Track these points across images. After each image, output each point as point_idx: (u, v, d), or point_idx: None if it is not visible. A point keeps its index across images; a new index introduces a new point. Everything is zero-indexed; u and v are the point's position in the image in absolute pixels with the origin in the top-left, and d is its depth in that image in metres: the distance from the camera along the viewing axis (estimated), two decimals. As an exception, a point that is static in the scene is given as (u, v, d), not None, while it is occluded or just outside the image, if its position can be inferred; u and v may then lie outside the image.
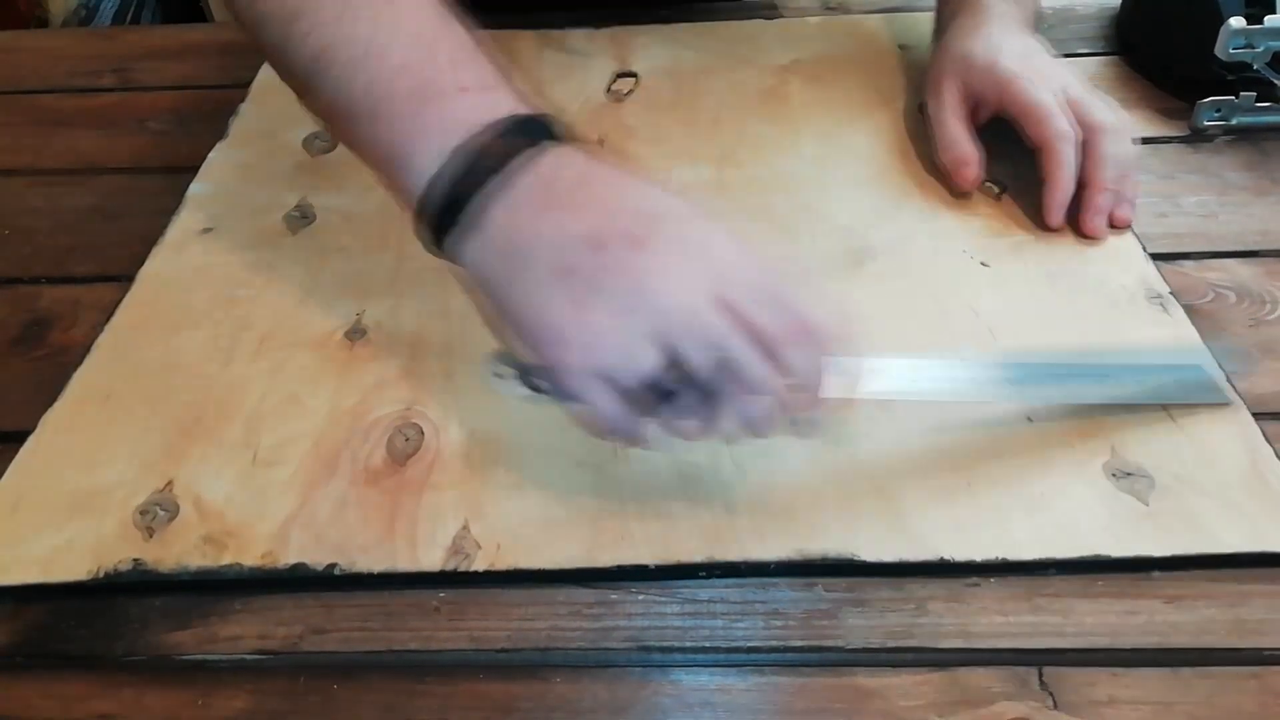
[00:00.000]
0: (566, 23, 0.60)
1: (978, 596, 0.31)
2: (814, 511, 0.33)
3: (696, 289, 0.27)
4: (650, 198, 0.29)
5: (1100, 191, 0.42)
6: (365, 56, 0.30)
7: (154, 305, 0.42)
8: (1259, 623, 0.30)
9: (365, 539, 0.32)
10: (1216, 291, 0.41)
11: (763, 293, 0.28)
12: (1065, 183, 0.42)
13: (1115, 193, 0.42)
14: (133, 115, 0.56)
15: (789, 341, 0.27)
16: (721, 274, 0.27)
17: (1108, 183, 0.42)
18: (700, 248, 0.27)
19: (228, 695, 0.29)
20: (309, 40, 0.31)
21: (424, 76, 0.29)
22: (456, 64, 0.30)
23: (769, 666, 0.30)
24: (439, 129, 0.29)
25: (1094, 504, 0.32)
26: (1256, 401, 0.36)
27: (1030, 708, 0.28)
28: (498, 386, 0.30)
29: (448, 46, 0.30)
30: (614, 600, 0.31)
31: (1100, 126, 0.42)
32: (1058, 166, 0.41)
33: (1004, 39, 0.45)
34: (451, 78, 0.29)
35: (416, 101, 0.29)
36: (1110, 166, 0.42)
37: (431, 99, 0.29)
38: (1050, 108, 0.42)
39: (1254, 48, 0.47)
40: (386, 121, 0.30)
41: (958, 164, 0.44)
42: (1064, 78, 0.44)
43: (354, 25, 0.30)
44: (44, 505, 0.34)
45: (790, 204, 0.46)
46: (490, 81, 0.30)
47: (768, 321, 0.27)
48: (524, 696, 0.29)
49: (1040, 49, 0.46)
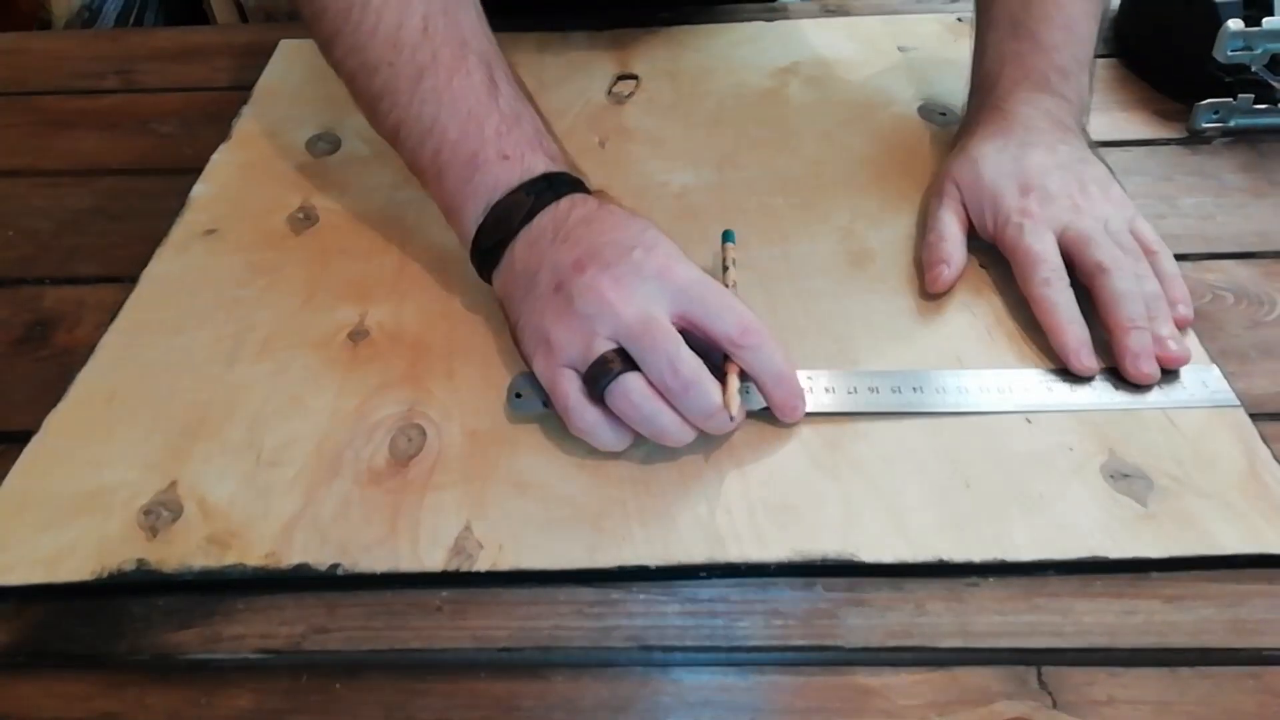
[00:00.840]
0: (567, 25, 0.61)
1: (977, 596, 0.31)
2: (814, 512, 0.33)
3: (651, 302, 0.33)
4: (630, 232, 0.35)
5: (1125, 333, 0.36)
6: (430, 132, 0.38)
7: (157, 306, 0.42)
8: (1258, 623, 0.30)
9: (368, 539, 0.32)
10: (1214, 293, 0.41)
11: (712, 308, 0.33)
12: (1060, 328, 0.37)
13: (1144, 330, 0.36)
14: (136, 117, 0.56)
15: (738, 343, 0.33)
16: (677, 292, 0.33)
17: (1129, 322, 0.36)
18: (659, 270, 0.33)
19: (230, 694, 0.29)
20: (390, 117, 0.39)
21: (472, 149, 0.37)
22: (500, 135, 0.37)
23: (769, 666, 0.30)
24: (485, 190, 0.37)
25: (1092, 505, 0.33)
26: (1254, 403, 0.36)
27: (1029, 707, 0.28)
28: (518, 407, 0.36)
29: (494, 120, 0.37)
30: (615, 600, 0.31)
31: (1099, 266, 0.37)
32: (1044, 314, 0.37)
33: (1022, 155, 0.41)
34: (495, 148, 0.37)
35: (469, 169, 0.37)
36: (1127, 304, 0.36)
37: (480, 167, 0.37)
38: (1036, 255, 0.38)
39: (1252, 50, 0.47)
40: (447, 183, 0.38)
41: (935, 262, 0.40)
42: (1072, 210, 0.39)
43: (422, 106, 0.38)
44: (48, 505, 0.34)
45: (790, 205, 0.46)
46: (525, 149, 0.37)
47: (716, 328, 0.33)
48: (525, 695, 0.29)
49: (1062, 163, 0.41)
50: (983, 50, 0.46)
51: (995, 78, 0.45)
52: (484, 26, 0.41)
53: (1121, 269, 0.37)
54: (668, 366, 0.32)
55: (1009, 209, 0.40)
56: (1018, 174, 0.41)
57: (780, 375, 0.34)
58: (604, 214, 0.36)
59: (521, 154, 0.37)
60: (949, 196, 0.42)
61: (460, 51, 0.38)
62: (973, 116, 0.45)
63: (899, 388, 0.36)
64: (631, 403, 0.32)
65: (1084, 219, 0.39)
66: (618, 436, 0.33)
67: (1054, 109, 0.43)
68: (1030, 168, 0.41)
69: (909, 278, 0.42)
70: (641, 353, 0.32)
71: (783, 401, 0.34)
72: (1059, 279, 0.38)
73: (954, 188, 0.43)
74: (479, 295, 0.40)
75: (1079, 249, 0.38)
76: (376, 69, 0.39)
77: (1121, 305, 0.37)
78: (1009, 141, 0.42)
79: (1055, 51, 0.44)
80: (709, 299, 0.33)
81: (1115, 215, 0.40)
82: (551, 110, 0.53)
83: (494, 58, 0.40)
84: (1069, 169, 0.41)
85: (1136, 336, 0.36)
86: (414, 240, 0.45)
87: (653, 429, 0.33)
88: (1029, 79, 0.44)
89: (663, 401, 0.32)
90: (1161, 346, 0.36)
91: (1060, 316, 0.37)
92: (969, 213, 0.42)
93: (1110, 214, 0.40)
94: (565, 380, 0.33)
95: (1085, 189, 0.40)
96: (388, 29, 0.38)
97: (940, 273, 0.40)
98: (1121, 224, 0.40)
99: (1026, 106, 0.43)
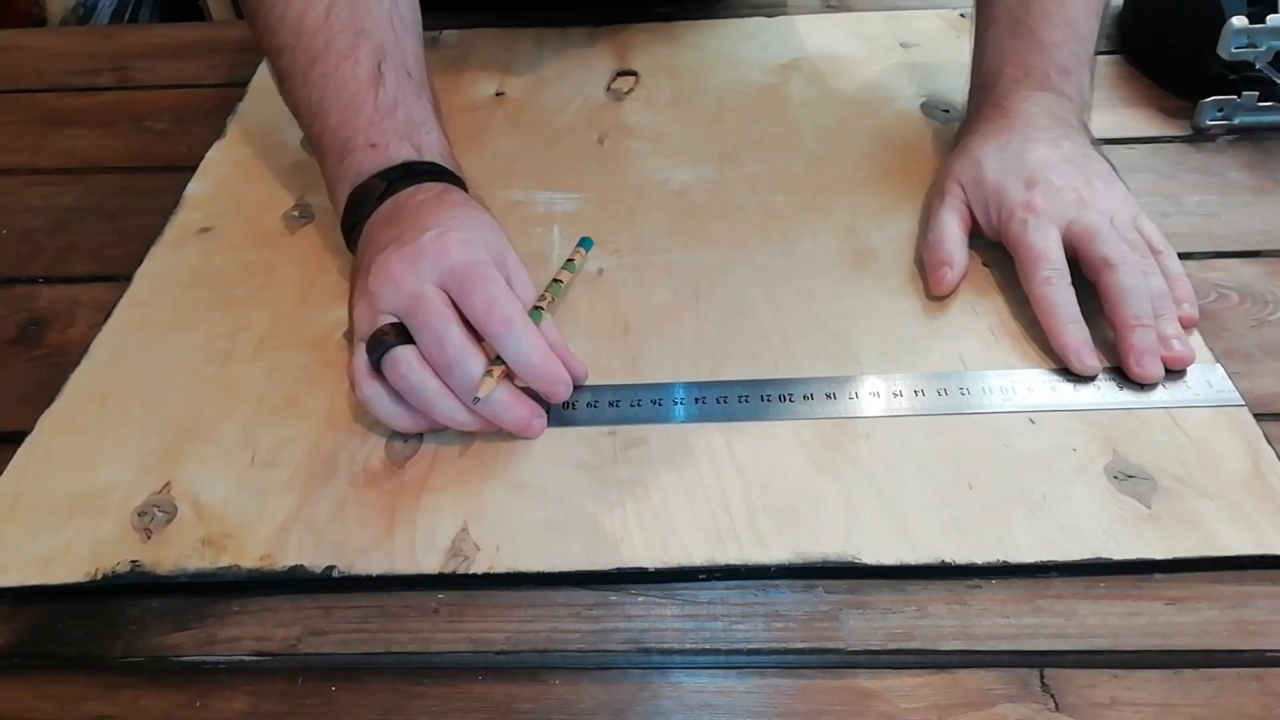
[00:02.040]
0: (566, 21, 0.60)
1: (979, 598, 0.31)
2: (814, 513, 0.32)
3: (424, 280, 0.34)
4: (440, 217, 0.36)
5: (1130, 331, 0.36)
6: (316, 115, 0.41)
7: (152, 305, 0.42)
8: (1261, 624, 0.30)
9: (364, 541, 0.32)
10: (1219, 291, 0.41)
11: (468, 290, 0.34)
12: (1058, 328, 0.37)
13: (1149, 328, 0.36)
14: (131, 114, 0.56)
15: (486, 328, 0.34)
16: (445, 270, 0.34)
17: (1134, 319, 0.36)
18: (438, 250, 0.35)
19: (225, 697, 0.29)
20: (290, 98, 0.43)
21: (345, 135, 0.40)
22: (371, 124, 0.40)
23: (769, 668, 0.30)
24: (352, 175, 0.39)
25: (1095, 506, 0.32)
26: (1258, 403, 0.36)
27: (1032, 710, 0.28)
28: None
29: (369, 110, 0.40)
30: (613, 602, 0.31)
31: (1105, 262, 0.37)
32: (1044, 314, 0.37)
33: (1025, 150, 0.41)
34: (365, 135, 0.39)
35: (341, 154, 0.40)
36: (1133, 301, 0.36)
37: (350, 152, 0.40)
38: (1039, 252, 0.38)
39: (1256, 47, 0.47)
40: (327, 165, 0.41)
41: (938, 264, 0.40)
42: (1077, 205, 0.39)
43: (311, 90, 0.41)
44: (41, 506, 0.34)
45: (791, 203, 0.46)
46: (393, 138, 0.40)
47: (468, 310, 0.34)
48: (523, 698, 0.29)
49: (1066, 158, 0.40)
50: (983, 48, 0.46)
51: (996, 76, 0.44)
52: (395, 16, 0.42)
53: (1128, 265, 0.37)
54: (434, 341, 0.33)
55: (1013, 204, 0.40)
56: (1021, 170, 0.40)
57: (528, 363, 0.34)
58: (434, 201, 0.38)
59: (388, 143, 0.39)
60: (951, 195, 0.42)
61: (355, 40, 0.41)
62: (974, 115, 0.45)
63: (900, 392, 0.36)
64: (399, 373, 0.33)
65: (1089, 214, 0.39)
66: (396, 410, 0.34)
67: (1055, 106, 0.43)
68: (1034, 163, 0.40)
69: (911, 276, 0.42)
70: (415, 329, 0.34)
71: (538, 388, 0.35)
72: (1060, 278, 0.38)
73: (957, 187, 0.42)
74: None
75: (1085, 244, 0.38)
76: (280, 52, 0.42)
77: (1127, 302, 0.36)
78: (1011, 138, 0.42)
79: (1056, 49, 0.43)
80: (467, 281, 0.34)
81: (1121, 211, 0.39)
82: (550, 107, 0.53)
83: (391, 49, 0.41)
84: (1073, 164, 0.40)
85: (1141, 334, 0.36)
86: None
87: (419, 399, 0.33)
88: (1030, 77, 0.43)
89: (431, 375, 0.33)
90: (1166, 346, 0.36)
91: (1060, 317, 0.37)
92: (973, 212, 0.42)
93: (1116, 209, 0.39)
94: (356, 352, 0.35)
95: (1090, 184, 0.40)
96: (294, 14, 0.41)
97: (944, 275, 0.40)
98: (1127, 220, 0.39)
99: (1028, 104, 0.43)
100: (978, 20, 0.47)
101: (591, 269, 0.43)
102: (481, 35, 0.60)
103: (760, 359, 0.38)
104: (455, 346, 0.33)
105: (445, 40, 0.60)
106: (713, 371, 0.38)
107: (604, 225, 0.45)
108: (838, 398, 0.36)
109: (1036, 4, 0.44)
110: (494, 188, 0.47)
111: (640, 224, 0.45)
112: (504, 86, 0.55)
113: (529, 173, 0.49)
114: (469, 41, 0.59)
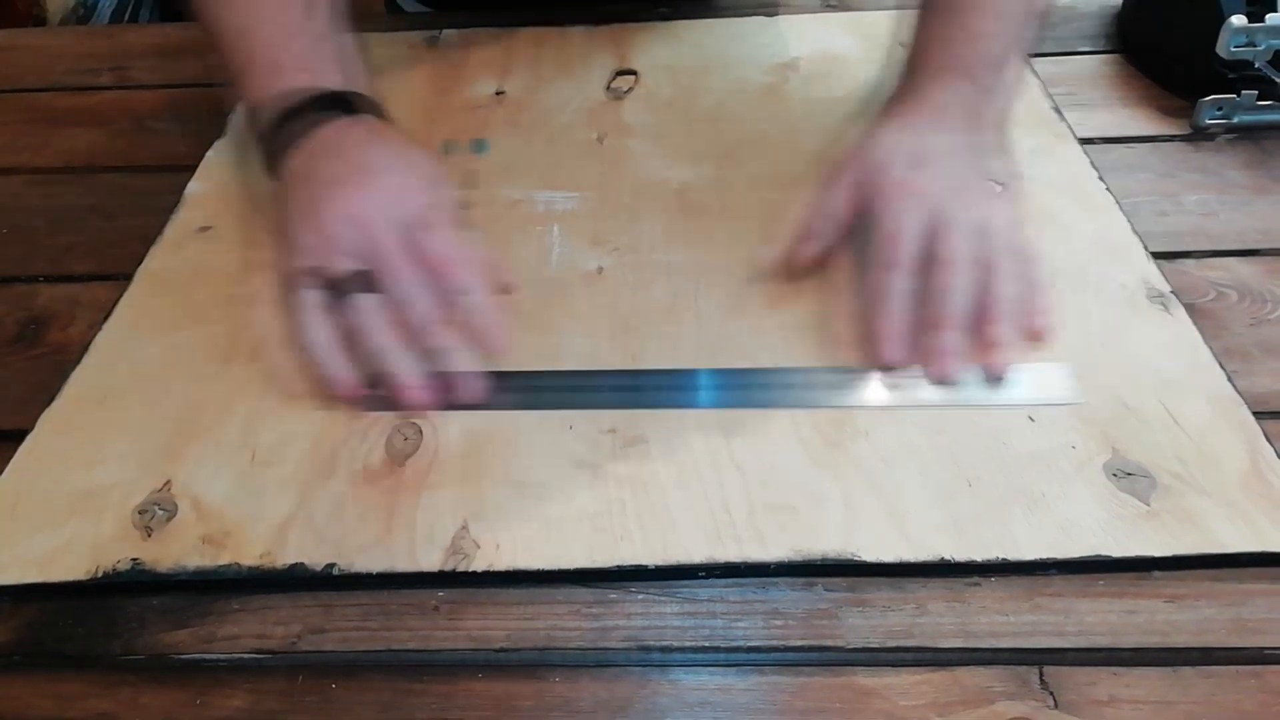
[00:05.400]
0: (566, 20, 0.60)
1: (978, 596, 0.31)
2: (814, 511, 0.32)
3: (371, 212, 0.36)
4: (377, 156, 0.38)
5: (935, 330, 0.36)
6: (241, 37, 0.41)
7: (152, 304, 0.42)
8: (1259, 622, 0.30)
9: (364, 539, 0.32)
10: (1218, 290, 0.41)
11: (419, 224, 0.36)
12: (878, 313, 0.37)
13: (951, 331, 0.36)
14: (131, 114, 0.56)
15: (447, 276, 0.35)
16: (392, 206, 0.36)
17: (944, 321, 0.36)
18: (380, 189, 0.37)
19: (225, 695, 0.29)
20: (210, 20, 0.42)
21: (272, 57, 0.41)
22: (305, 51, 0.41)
23: (769, 666, 0.30)
24: (282, 98, 0.40)
25: (1094, 504, 0.32)
26: (1257, 401, 0.36)
27: (1031, 707, 0.28)
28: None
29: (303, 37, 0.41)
30: (613, 600, 0.31)
31: (938, 257, 0.37)
32: (873, 296, 0.37)
33: (923, 136, 0.40)
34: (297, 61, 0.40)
35: (268, 74, 0.40)
36: (947, 302, 0.36)
37: (280, 73, 0.40)
38: (891, 233, 0.37)
39: (1255, 46, 0.47)
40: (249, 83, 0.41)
41: (802, 235, 0.40)
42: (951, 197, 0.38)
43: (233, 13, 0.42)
44: (42, 505, 0.34)
45: (791, 202, 0.46)
46: (328, 67, 0.41)
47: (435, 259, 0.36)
48: (523, 696, 0.29)
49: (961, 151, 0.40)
50: (915, 33, 0.45)
51: (921, 63, 0.44)
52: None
53: (955, 266, 0.36)
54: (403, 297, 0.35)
55: (890, 182, 0.39)
56: (911, 152, 0.40)
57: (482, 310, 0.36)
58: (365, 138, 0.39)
59: (322, 70, 0.40)
60: (843, 171, 0.41)
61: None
62: (893, 99, 0.44)
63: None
64: (365, 322, 0.35)
65: (957, 209, 0.38)
66: (339, 364, 0.36)
67: (972, 98, 0.42)
68: (926, 148, 0.40)
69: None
70: (384, 278, 0.35)
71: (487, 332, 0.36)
72: (902, 264, 0.37)
73: (850, 163, 0.41)
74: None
75: (937, 236, 0.37)
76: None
77: (938, 302, 0.36)
78: (916, 122, 0.41)
79: (984, 40, 0.42)
80: (426, 228, 0.36)
81: (997, 214, 0.39)
82: (549, 106, 0.53)
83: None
84: (966, 160, 0.40)
85: (943, 338, 0.36)
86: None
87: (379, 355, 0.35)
88: (952, 66, 0.42)
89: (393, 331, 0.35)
90: (985, 348, 0.36)
91: (884, 302, 0.37)
92: (861, 191, 0.40)
93: (992, 212, 0.39)
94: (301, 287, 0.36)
95: (974, 182, 0.39)
96: None
97: (802, 247, 0.40)
98: (1001, 223, 0.38)
99: (945, 93, 0.42)
100: (918, 7, 0.46)
101: (591, 268, 0.43)
102: (481, 35, 0.60)
103: (760, 358, 0.38)
104: (424, 307, 0.35)
105: (445, 40, 0.60)
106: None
107: (603, 224, 0.45)
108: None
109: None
110: (494, 187, 0.47)
111: (640, 223, 0.45)
112: (504, 86, 0.55)
113: (529, 172, 0.49)
114: (469, 41, 0.59)
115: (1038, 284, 0.38)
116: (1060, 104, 0.51)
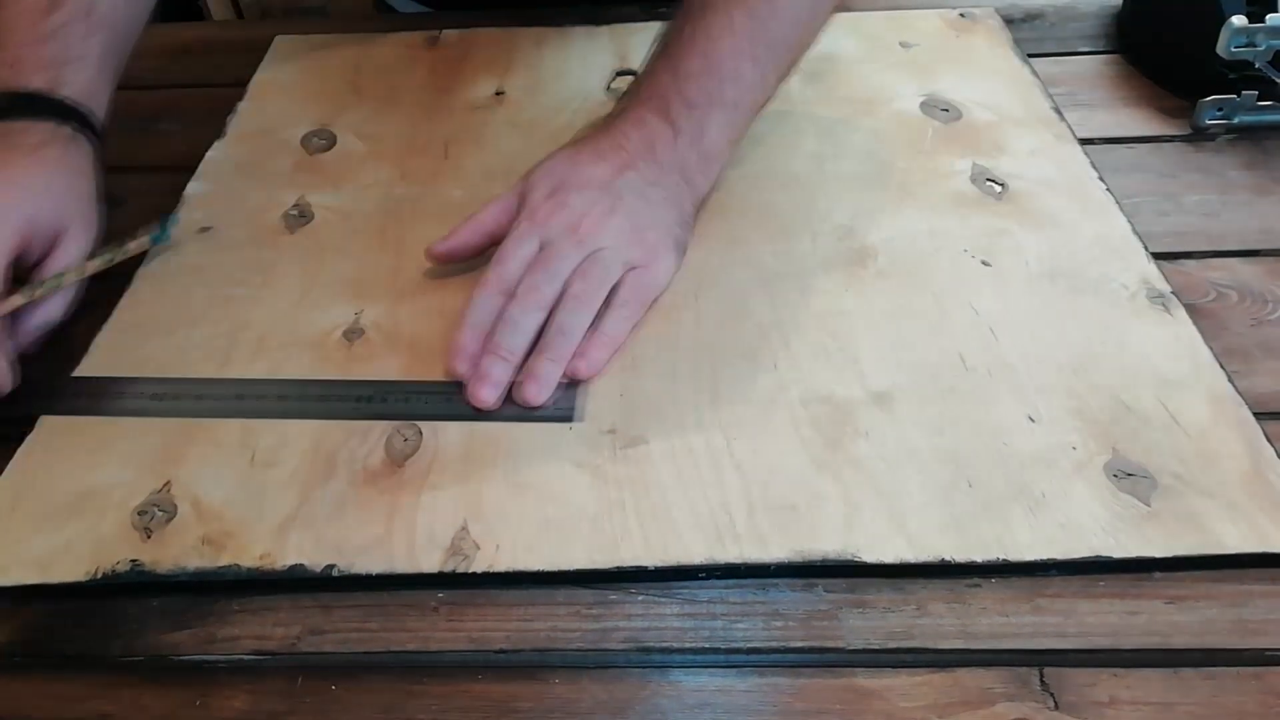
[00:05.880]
0: (566, 20, 0.60)
1: (978, 597, 0.31)
2: (814, 511, 0.32)
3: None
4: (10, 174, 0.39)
5: (486, 354, 0.36)
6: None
7: (152, 304, 0.42)
8: (1261, 623, 0.30)
9: (363, 540, 0.32)
10: (1218, 291, 0.41)
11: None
12: (463, 328, 0.37)
13: (496, 359, 0.36)
14: (130, 114, 0.56)
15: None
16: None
17: (493, 347, 0.36)
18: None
19: (225, 696, 0.29)
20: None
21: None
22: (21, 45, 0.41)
23: (769, 667, 0.30)
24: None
25: (1095, 504, 0.32)
26: (1258, 401, 0.36)
27: (1031, 708, 0.28)
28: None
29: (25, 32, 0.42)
30: (613, 601, 0.31)
31: (517, 290, 0.38)
32: (466, 311, 0.38)
33: (583, 166, 0.41)
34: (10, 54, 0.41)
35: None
36: (502, 331, 0.37)
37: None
38: (501, 255, 0.39)
39: (1255, 46, 0.47)
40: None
41: (448, 237, 0.41)
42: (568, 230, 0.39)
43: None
44: (42, 506, 0.34)
45: (790, 202, 0.46)
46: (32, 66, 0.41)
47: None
48: (523, 697, 0.29)
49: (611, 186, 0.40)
50: (643, 64, 0.45)
51: (631, 93, 0.44)
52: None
53: (520, 298, 0.37)
54: None
55: (529, 203, 0.40)
56: (561, 178, 0.40)
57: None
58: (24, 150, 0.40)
59: (24, 69, 0.41)
60: (514, 189, 0.42)
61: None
62: (596, 124, 0.44)
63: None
64: None
65: (566, 243, 0.38)
66: None
67: (658, 138, 0.41)
68: (575, 178, 0.40)
69: (911, 275, 0.42)
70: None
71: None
72: (492, 284, 0.38)
73: (523, 178, 0.42)
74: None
75: (531, 266, 0.38)
76: None
77: (496, 329, 0.37)
78: (585, 150, 0.42)
79: (687, 80, 0.42)
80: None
81: (612, 251, 0.39)
82: (549, 106, 0.53)
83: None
84: (613, 195, 0.40)
85: (485, 361, 0.36)
86: (410, 237, 0.45)
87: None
88: (651, 101, 0.42)
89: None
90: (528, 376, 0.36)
91: (471, 317, 0.38)
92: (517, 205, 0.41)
93: (608, 248, 0.39)
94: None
95: (607, 218, 0.39)
96: None
97: (438, 248, 0.41)
98: (608, 262, 0.38)
99: (633, 127, 0.42)
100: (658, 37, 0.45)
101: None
102: (481, 35, 0.60)
103: (759, 358, 0.38)
104: None
105: (445, 40, 0.60)
106: (712, 370, 0.38)
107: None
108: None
109: (687, 29, 0.42)
110: (494, 187, 0.47)
111: (640, 223, 0.45)
112: (504, 86, 0.55)
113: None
114: (469, 41, 0.59)
115: (611, 335, 0.38)
116: (1060, 104, 0.51)
